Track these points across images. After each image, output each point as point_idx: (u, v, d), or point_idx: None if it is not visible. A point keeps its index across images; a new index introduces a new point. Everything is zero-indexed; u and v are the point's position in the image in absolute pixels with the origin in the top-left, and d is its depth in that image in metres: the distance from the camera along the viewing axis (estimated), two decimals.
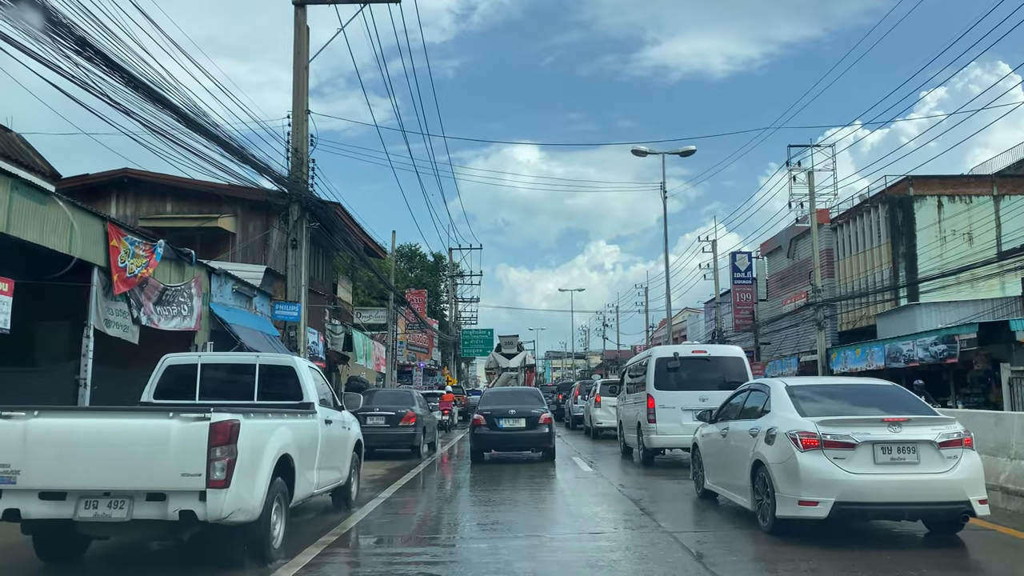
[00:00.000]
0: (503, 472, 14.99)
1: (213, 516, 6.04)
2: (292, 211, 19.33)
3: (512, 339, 40.70)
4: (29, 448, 6.01)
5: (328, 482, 9.11)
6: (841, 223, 41.60)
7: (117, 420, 6.37)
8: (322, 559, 7.13)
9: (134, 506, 6.06)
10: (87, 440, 6.13)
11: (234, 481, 6.13)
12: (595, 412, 23.43)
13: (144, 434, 6.13)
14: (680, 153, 28.96)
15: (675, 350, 15.34)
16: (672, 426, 14.82)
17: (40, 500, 6.04)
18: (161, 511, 6.04)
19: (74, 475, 6.05)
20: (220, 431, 6.09)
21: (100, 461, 6.07)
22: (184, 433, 6.06)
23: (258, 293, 17.94)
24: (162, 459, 6.01)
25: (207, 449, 6.02)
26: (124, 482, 6.06)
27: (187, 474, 6.00)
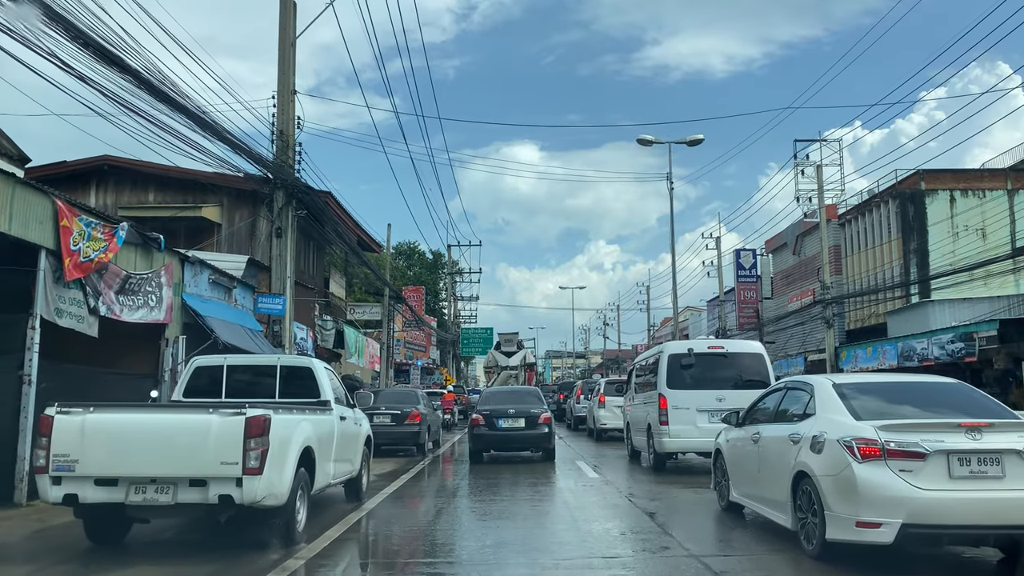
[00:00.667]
0: (501, 476, 13.67)
1: (248, 500, 6.72)
2: (277, 197, 17.98)
3: (512, 337, 39.19)
4: (86, 440, 6.69)
5: (342, 474, 9.73)
6: (849, 219, 40.27)
7: (163, 415, 7.30)
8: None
9: (178, 491, 6.73)
10: (136, 433, 6.87)
11: (266, 469, 6.78)
12: (599, 413, 22.06)
13: (187, 427, 6.85)
14: (687, 142, 27.62)
15: (689, 346, 13.99)
16: (686, 428, 13.47)
17: (95, 486, 6.72)
18: (202, 495, 6.71)
19: (125, 464, 6.74)
20: (255, 424, 6.76)
21: (148, 451, 6.76)
22: (223, 426, 6.74)
23: (239, 284, 16.59)
24: (203, 449, 6.69)
25: (243, 440, 6.69)
26: (169, 470, 6.73)
27: (225, 462, 6.66)
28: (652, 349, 15.54)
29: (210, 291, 15.17)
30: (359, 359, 25.30)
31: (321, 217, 21.09)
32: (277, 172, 17.55)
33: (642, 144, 27.63)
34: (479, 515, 9.96)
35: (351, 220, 24.85)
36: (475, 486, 12.83)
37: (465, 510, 10.41)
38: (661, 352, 14.15)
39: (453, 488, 12.61)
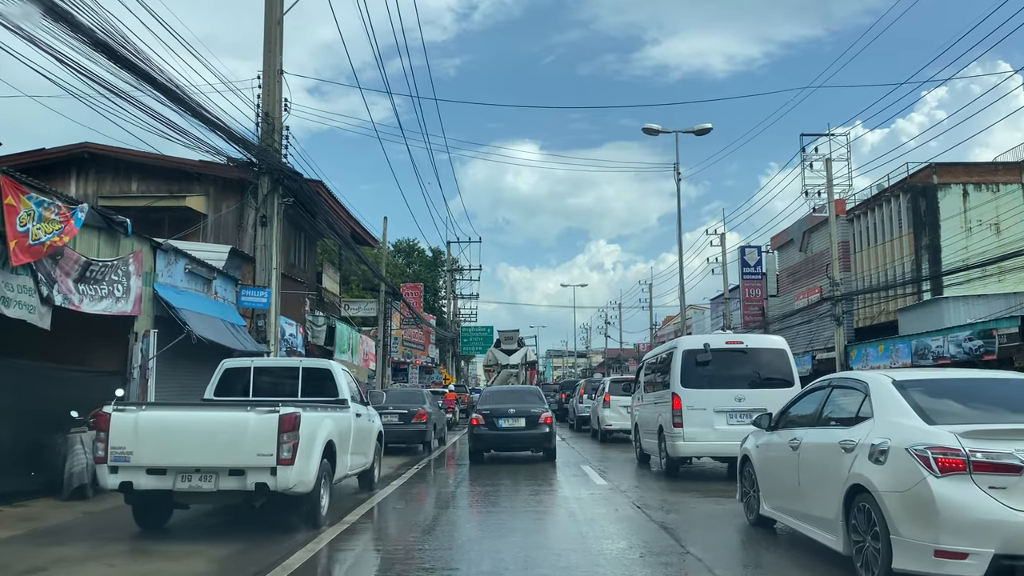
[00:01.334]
0: (501, 482, 12.48)
1: (281, 487, 7.48)
2: (261, 183, 16.79)
3: (512, 334, 37.77)
4: (139, 434, 7.47)
5: (358, 465, 10.54)
6: (858, 214, 39.03)
7: (206, 413, 8.07)
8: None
9: (219, 479, 7.50)
10: (183, 428, 7.65)
11: (297, 460, 7.55)
12: (604, 413, 20.83)
13: (228, 423, 7.61)
14: (695, 132, 26.40)
15: (705, 340, 12.76)
16: (702, 431, 12.26)
17: (147, 475, 7.49)
18: (241, 483, 7.49)
19: (173, 455, 7.51)
20: (287, 421, 7.52)
21: (193, 444, 7.52)
22: (259, 422, 7.50)
23: (219, 276, 15.38)
24: (242, 442, 7.45)
25: (277, 435, 7.44)
26: (212, 460, 7.51)
27: (261, 454, 7.44)
28: (664, 345, 14.33)
29: (186, 282, 13.96)
30: (352, 357, 24.09)
31: (311, 207, 19.91)
32: (262, 156, 16.36)
33: (648, 133, 26.44)
34: (477, 528, 8.77)
35: (344, 212, 23.64)
36: (473, 494, 11.65)
37: (462, 523, 9.21)
38: (675, 348, 12.93)
39: (448, 497, 11.43)
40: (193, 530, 8.56)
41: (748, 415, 12.16)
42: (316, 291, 24.01)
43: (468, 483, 12.95)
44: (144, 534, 8.07)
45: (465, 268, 50.85)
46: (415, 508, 10.31)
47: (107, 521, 8.88)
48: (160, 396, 12.98)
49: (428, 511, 10.07)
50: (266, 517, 8.53)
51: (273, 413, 7.56)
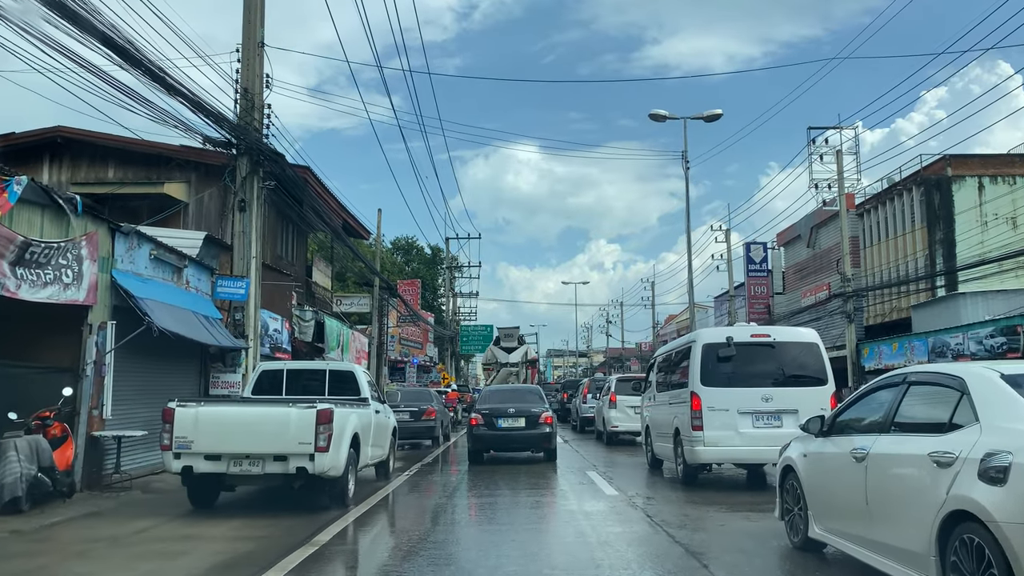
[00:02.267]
0: (499, 491, 11.05)
1: (318, 470, 8.86)
2: (240, 165, 15.42)
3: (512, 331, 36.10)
4: (199, 426, 8.84)
5: (376, 456, 11.62)
6: (869, 208, 37.60)
7: (255, 408, 9.48)
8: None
9: (266, 464, 8.90)
10: (235, 421, 9.11)
11: (331, 448, 8.89)
12: (610, 414, 19.39)
13: (273, 416, 9.02)
14: (704, 118, 24.96)
15: (728, 333, 11.31)
16: (724, 435, 10.83)
17: (204, 460, 8.86)
18: (284, 467, 8.88)
19: (227, 444, 8.90)
20: (323, 415, 8.88)
21: (244, 434, 8.93)
22: (300, 416, 8.86)
23: (191, 264, 13.94)
24: (285, 433, 8.84)
25: (315, 426, 8.80)
26: (259, 448, 8.89)
27: (302, 443, 8.79)
28: (680, 338, 12.87)
29: (151, 269, 12.53)
30: (343, 355, 22.64)
31: (297, 193, 18.51)
32: (240, 134, 14.96)
33: (655, 120, 25.00)
34: (474, 548, 7.34)
35: (335, 201, 22.19)
36: (470, 507, 10.23)
37: (453, 543, 7.78)
38: (693, 342, 11.48)
39: (437, 509, 10.03)
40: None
41: (776, 417, 10.79)
42: (306, 285, 22.57)
43: (466, 492, 11.59)
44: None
45: (464, 265, 49.42)
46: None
47: (45, 540, 7.82)
48: (119, 395, 11.56)
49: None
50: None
51: (311, 408, 8.86)
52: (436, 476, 13.95)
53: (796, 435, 10.84)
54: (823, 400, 10.89)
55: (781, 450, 7.48)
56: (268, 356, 18.00)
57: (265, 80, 15.82)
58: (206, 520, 8.74)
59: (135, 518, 8.95)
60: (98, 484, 10.90)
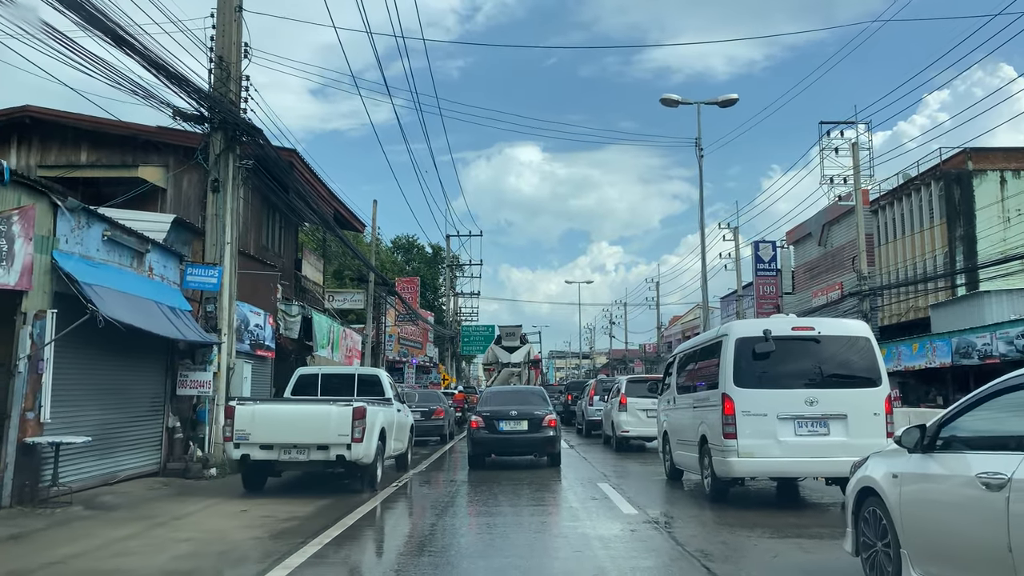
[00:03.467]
0: (500, 508, 9.42)
1: (353, 458, 10.41)
2: (214, 141, 13.82)
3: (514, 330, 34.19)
4: (255, 420, 10.43)
5: (397, 449, 13.17)
6: (884, 204, 35.97)
7: (302, 406, 11.04)
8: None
9: (310, 452, 10.44)
10: (286, 416, 10.66)
11: (364, 439, 10.45)
12: (620, 417, 17.72)
13: (317, 413, 10.57)
14: (719, 103, 23.34)
15: (766, 326, 9.64)
16: (763, 444, 9.18)
17: (260, 449, 10.41)
18: (325, 455, 10.43)
19: (278, 435, 10.44)
20: (358, 411, 10.41)
21: (292, 428, 10.48)
22: (339, 412, 10.38)
23: (155, 249, 12.29)
24: (327, 426, 10.36)
25: (351, 421, 10.33)
26: (305, 439, 10.44)
27: (341, 435, 10.32)
28: (707, 333, 11.18)
29: (105, 253, 10.89)
30: (333, 353, 21.00)
31: (281, 176, 16.90)
32: (213, 106, 13.36)
33: (667, 104, 23.35)
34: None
35: (324, 189, 20.57)
36: (468, 528, 8.60)
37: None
38: (724, 336, 9.81)
39: (423, 535, 8.41)
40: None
41: (821, 423, 9.15)
42: (294, 279, 20.94)
43: (464, 508, 9.95)
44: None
45: (465, 264, 47.79)
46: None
47: None
48: (63, 396, 9.93)
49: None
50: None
51: (349, 406, 10.39)
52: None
53: (844, 444, 9.31)
54: (876, 403, 9.26)
55: (855, 467, 5.83)
56: (248, 353, 16.38)
57: (243, 49, 14.24)
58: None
59: (68, 540, 7.34)
60: (31, 499, 9.27)
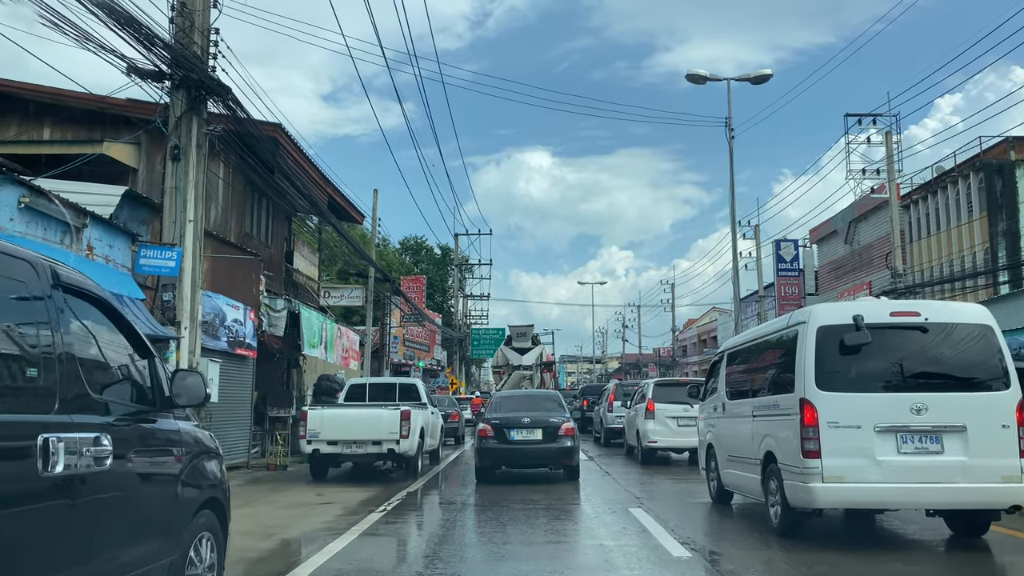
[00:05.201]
0: (509, 543, 7.16)
1: (401, 451, 12.93)
2: (174, 101, 11.64)
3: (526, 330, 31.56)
4: (324, 422, 12.98)
5: (431, 445, 15.47)
6: (917, 198, 33.55)
7: (360, 409, 13.73)
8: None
9: (367, 447, 12.92)
10: (348, 418, 13.20)
11: (410, 436, 12.89)
12: (646, 426, 15.39)
13: (373, 415, 13.09)
14: (751, 79, 21.07)
15: (856, 311, 7.30)
16: (855, 465, 6.87)
17: (327, 444, 12.94)
18: (379, 449, 12.93)
19: (342, 433, 12.96)
20: (404, 413, 12.91)
21: (353, 427, 12.99)
22: (390, 414, 12.92)
23: (95, 223, 10.14)
24: (380, 425, 12.86)
25: (399, 421, 12.80)
26: (363, 436, 12.90)
27: (391, 432, 12.80)
28: (773, 322, 8.82)
29: (22, 224, 8.73)
30: (327, 353, 18.77)
31: (264, 154, 14.73)
32: (174, 60, 11.18)
33: (693, 81, 21.12)
34: None
35: (316, 172, 18.38)
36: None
37: None
38: (802, 324, 7.48)
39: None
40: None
41: (933, 437, 6.89)
42: (283, 271, 18.75)
43: (462, 547, 7.68)
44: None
45: (475, 264, 45.51)
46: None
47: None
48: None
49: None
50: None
51: (397, 409, 13.15)
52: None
53: (964, 466, 6.96)
54: (1004, 412, 6.94)
55: None
56: (225, 352, 14.20)
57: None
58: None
59: None
60: None
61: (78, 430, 3.21)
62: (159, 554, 3.89)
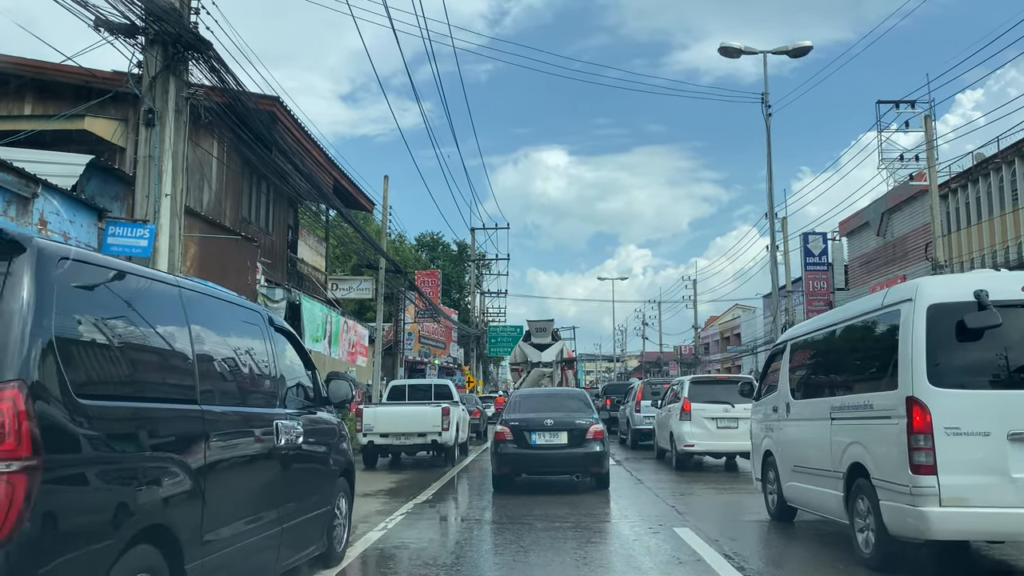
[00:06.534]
0: (533, 571, 5.75)
1: (442, 442, 14.68)
2: (149, 59, 10.19)
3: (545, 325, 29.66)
4: (377, 418, 14.58)
5: (462, 438, 17.27)
6: (955, 187, 31.68)
7: (408, 407, 15.54)
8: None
9: (413, 439, 14.56)
10: (397, 414, 14.89)
11: (449, 429, 14.76)
12: (682, 428, 13.76)
13: (419, 411, 14.94)
14: (789, 52, 19.35)
15: (979, 286, 5.66)
16: (983, 483, 5.25)
17: (380, 437, 14.49)
18: (423, 440, 14.62)
19: (393, 427, 14.50)
20: (445, 410, 14.72)
21: (402, 422, 14.60)
22: (433, 411, 14.76)
23: (49, 194, 8.70)
24: (424, 420, 14.58)
25: (441, 417, 14.60)
26: (411, 429, 14.54)
27: (434, 426, 14.52)
28: (862, 302, 7.09)
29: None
30: (332, 348, 17.30)
31: (259, 129, 13.27)
32: (148, 10, 9.71)
33: (726, 55, 19.46)
34: None
35: (320, 153, 16.88)
36: None
37: None
38: (907, 303, 5.82)
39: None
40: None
41: None
42: (286, 261, 17.28)
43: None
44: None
45: (492, 259, 43.96)
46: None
47: None
48: None
49: None
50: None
51: (438, 406, 14.93)
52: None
53: None
54: None
55: None
56: None
57: None
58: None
59: None
60: None
61: (288, 419, 5.21)
62: (322, 503, 5.72)
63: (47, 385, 3.01)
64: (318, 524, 5.67)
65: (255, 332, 5.13)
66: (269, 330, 5.36)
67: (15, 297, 3.02)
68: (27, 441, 2.85)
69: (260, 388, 5.06)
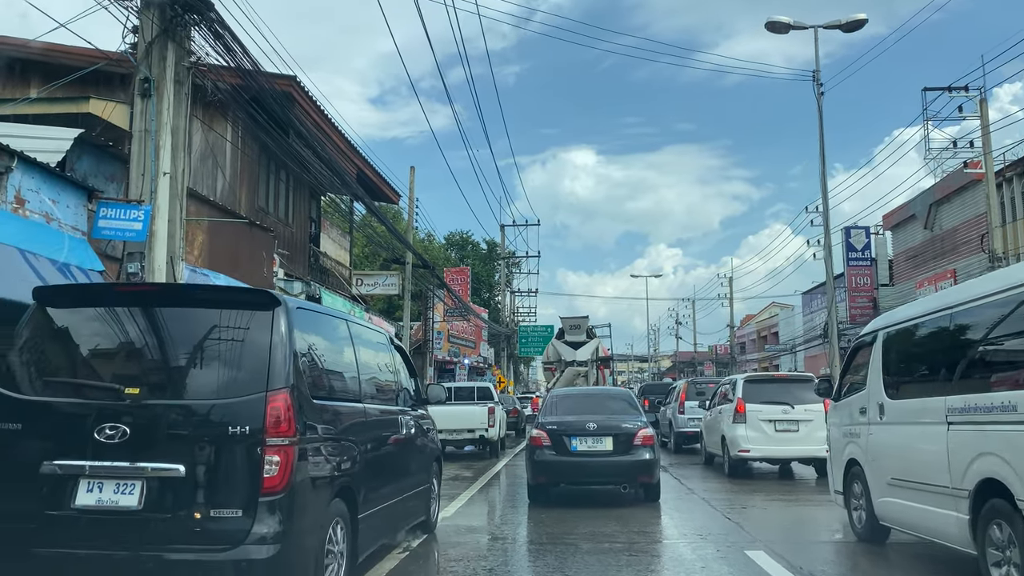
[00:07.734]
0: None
1: (489, 437, 17.09)
2: (144, 25, 9.19)
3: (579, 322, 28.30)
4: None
5: (503, 434, 19.29)
6: (1011, 175, 29.85)
7: (459, 407, 16.93)
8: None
9: (463, 434, 16.87)
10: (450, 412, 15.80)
11: (495, 425, 17.12)
12: (735, 432, 12.42)
13: (468, 410, 17.09)
14: (842, 26, 17.93)
15: None
16: None
17: None
18: (472, 436, 16.99)
19: (445, 424, 14.48)
20: (491, 409, 17.15)
21: (454, 419, 16.28)
22: (481, 410, 17.08)
23: (26, 168, 7.71)
24: (473, 418, 16.95)
25: (487, 415, 17.01)
26: (461, 425, 16.68)
27: (481, 423, 16.85)
28: (977, 281, 5.73)
29: None
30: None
31: (275, 110, 12.22)
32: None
33: (774, 31, 18.05)
34: None
35: (341, 139, 15.82)
36: None
37: None
38: None
39: None
40: None
41: None
42: (308, 254, 16.24)
43: None
44: None
45: (522, 256, 42.76)
46: None
47: None
48: None
49: None
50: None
51: (485, 405, 17.17)
52: None
53: None
54: None
55: None
56: None
57: None
58: None
59: None
60: None
61: (404, 414, 6.88)
62: (424, 481, 7.38)
63: (300, 389, 4.60)
64: (424, 497, 7.30)
65: (385, 348, 6.94)
66: (391, 346, 7.22)
67: (279, 334, 4.58)
68: (293, 426, 4.39)
69: (390, 390, 6.76)
